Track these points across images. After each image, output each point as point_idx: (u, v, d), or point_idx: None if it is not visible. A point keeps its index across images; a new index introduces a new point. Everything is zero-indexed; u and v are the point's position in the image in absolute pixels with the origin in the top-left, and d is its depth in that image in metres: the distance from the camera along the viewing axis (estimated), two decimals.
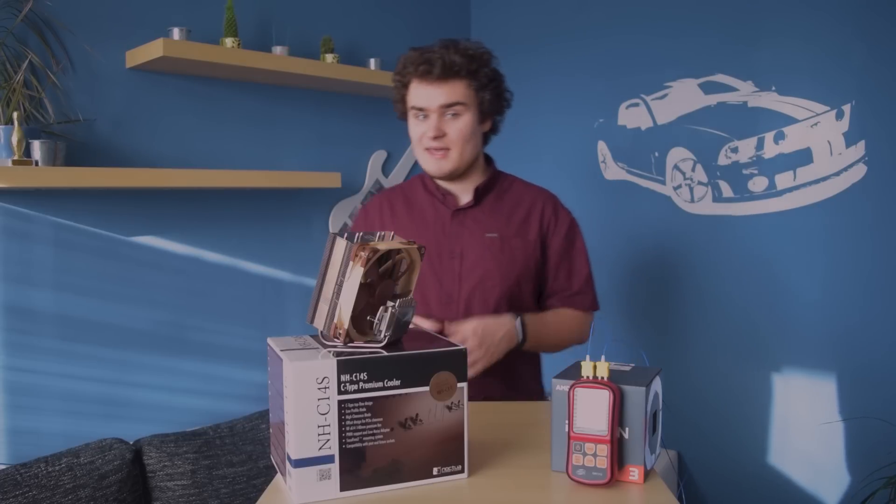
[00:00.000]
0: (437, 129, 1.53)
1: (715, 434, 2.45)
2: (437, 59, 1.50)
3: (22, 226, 1.91)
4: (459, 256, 1.58)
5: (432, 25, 2.90)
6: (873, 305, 2.12)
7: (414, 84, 1.55)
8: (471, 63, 1.53)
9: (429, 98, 1.53)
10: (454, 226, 1.61)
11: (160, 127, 2.16)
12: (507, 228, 1.61)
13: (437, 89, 1.52)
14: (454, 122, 1.54)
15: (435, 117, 1.53)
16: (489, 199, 1.64)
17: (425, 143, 1.56)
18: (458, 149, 1.55)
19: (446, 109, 1.53)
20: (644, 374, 1.00)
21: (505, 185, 1.67)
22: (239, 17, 2.23)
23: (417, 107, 1.55)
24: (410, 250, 1.00)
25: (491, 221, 1.61)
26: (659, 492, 0.94)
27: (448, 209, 1.62)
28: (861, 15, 2.09)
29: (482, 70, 1.55)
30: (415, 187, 1.69)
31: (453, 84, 1.52)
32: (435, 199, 1.64)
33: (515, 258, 1.59)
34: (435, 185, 1.64)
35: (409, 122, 1.60)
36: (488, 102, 1.57)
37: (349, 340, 0.94)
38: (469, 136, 1.56)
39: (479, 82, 1.55)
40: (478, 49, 1.56)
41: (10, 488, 1.68)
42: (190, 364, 2.23)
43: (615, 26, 2.62)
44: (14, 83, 1.82)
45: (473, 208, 1.62)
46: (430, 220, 1.62)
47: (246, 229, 2.36)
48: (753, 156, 2.30)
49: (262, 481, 2.04)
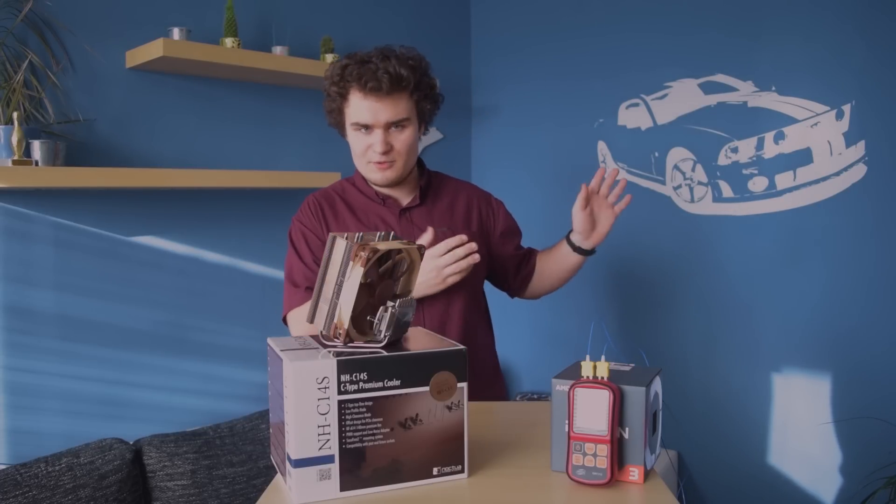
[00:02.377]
0: (385, 144, 1.51)
1: (715, 434, 2.45)
2: (383, 73, 1.47)
3: (22, 226, 1.91)
4: None
5: (432, 25, 2.90)
6: (873, 305, 2.12)
7: (356, 97, 1.51)
8: (414, 74, 1.51)
9: (375, 114, 1.50)
10: (403, 225, 1.62)
11: (160, 127, 2.16)
12: (454, 221, 1.65)
13: (382, 105, 1.49)
14: (399, 134, 1.53)
15: (380, 132, 1.51)
16: (429, 197, 1.66)
17: (371, 157, 1.54)
18: (403, 160, 1.55)
19: (392, 125, 1.52)
20: (644, 374, 1.00)
21: (438, 182, 1.71)
22: (239, 17, 2.23)
23: (362, 123, 1.52)
24: (410, 250, 1.00)
25: (437, 217, 1.63)
26: (659, 492, 0.94)
27: (392, 210, 1.63)
28: (861, 15, 2.09)
29: (423, 80, 1.55)
30: (348, 191, 1.67)
31: (398, 98, 1.50)
32: (374, 202, 1.63)
33: None
34: (372, 190, 1.63)
35: (350, 135, 1.57)
36: (428, 111, 1.59)
37: (349, 340, 0.95)
38: (412, 147, 1.57)
39: (421, 93, 1.54)
40: (417, 58, 1.54)
41: (10, 488, 1.68)
42: (190, 364, 2.23)
43: (615, 26, 2.62)
44: (14, 83, 1.82)
45: (418, 207, 1.64)
46: (376, 221, 1.62)
47: (246, 229, 2.36)
48: (753, 156, 2.30)
49: (262, 481, 2.04)
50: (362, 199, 1.65)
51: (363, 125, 1.52)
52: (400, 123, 1.52)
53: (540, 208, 2.71)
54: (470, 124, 3.08)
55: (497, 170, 3.01)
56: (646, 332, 2.62)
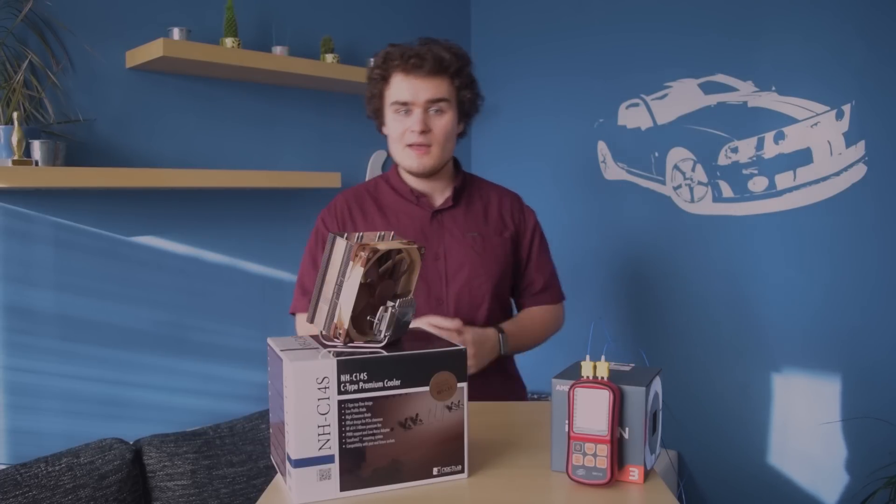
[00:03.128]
0: (423, 124, 1.52)
1: (715, 434, 2.45)
2: (427, 53, 1.50)
3: (22, 226, 1.91)
4: (443, 258, 1.58)
5: (432, 25, 2.90)
6: (873, 305, 2.12)
7: (398, 78, 1.53)
8: (457, 61, 1.54)
9: (416, 92, 1.51)
10: (434, 227, 1.61)
11: (160, 127, 2.16)
12: (487, 227, 1.63)
13: (425, 83, 1.51)
14: (438, 118, 1.54)
15: (420, 112, 1.52)
16: (463, 199, 1.65)
17: (408, 139, 1.54)
18: (440, 145, 1.55)
19: (431, 105, 1.53)
20: (644, 374, 1.00)
21: (474, 186, 1.70)
22: (239, 17, 2.23)
23: (402, 101, 1.53)
24: (410, 250, 1.00)
25: (470, 221, 1.63)
26: (659, 492, 0.94)
27: (425, 211, 1.62)
28: (861, 14, 2.09)
29: (465, 69, 1.57)
30: (381, 189, 1.67)
31: (440, 80, 1.53)
32: (408, 201, 1.63)
33: (497, 256, 1.62)
34: (407, 187, 1.62)
35: (389, 118, 1.57)
36: (468, 102, 1.59)
37: (349, 340, 0.94)
38: (451, 134, 1.57)
39: (462, 81, 1.56)
40: (459, 49, 1.57)
41: (10, 488, 1.68)
42: (190, 364, 2.23)
43: (615, 26, 2.62)
44: (14, 83, 1.82)
45: (451, 209, 1.63)
46: (407, 222, 1.61)
47: (246, 229, 2.36)
48: (753, 156, 2.30)
49: (262, 481, 2.04)
50: (394, 197, 1.64)
51: (403, 103, 1.53)
52: (439, 106, 1.53)
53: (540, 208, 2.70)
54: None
55: (497, 169, 3.01)
56: (646, 332, 2.62)
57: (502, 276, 1.62)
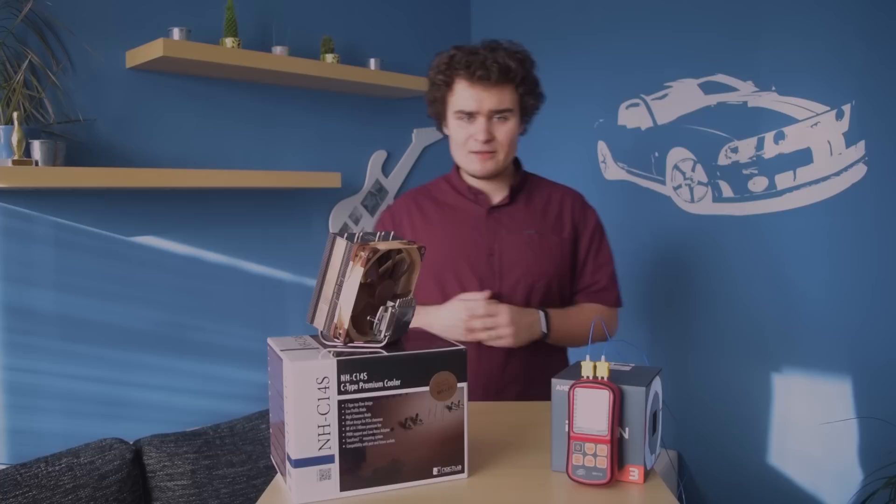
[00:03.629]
0: (487, 133, 1.53)
1: (715, 434, 2.45)
2: (492, 63, 1.50)
3: (22, 226, 1.91)
4: (498, 254, 1.59)
5: (432, 25, 2.90)
6: (873, 305, 2.12)
7: (462, 85, 1.53)
8: (521, 68, 1.54)
9: (480, 102, 1.52)
10: (490, 224, 1.62)
11: (160, 127, 2.16)
12: (544, 225, 1.63)
13: (489, 94, 1.52)
14: (502, 125, 1.55)
15: (483, 120, 1.53)
16: (521, 197, 1.66)
17: (472, 146, 1.56)
18: (504, 151, 1.57)
19: (496, 114, 1.54)
20: (644, 374, 1.00)
21: (534, 184, 1.69)
22: (239, 17, 2.23)
23: (467, 111, 1.54)
24: (410, 250, 1.00)
25: (527, 219, 1.63)
26: (659, 492, 0.94)
27: (481, 208, 1.63)
28: (861, 14, 2.09)
29: (529, 75, 1.57)
30: (441, 188, 1.70)
31: (504, 89, 1.53)
32: (466, 198, 1.65)
33: (553, 254, 1.62)
34: (466, 185, 1.65)
35: (452, 124, 1.58)
36: (531, 107, 1.60)
37: (349, 340, 0.94)
38: (514, 140, 1.59)
39: (526, 87, 1.57)
40: (524, 53, 1.57)
41: (10, 488, 1.68)
42: (190, 364, 2.23)
43: (615, 26, 2.62)
44: (14, 83, 1.82)
45: (508, 206, 1.64)
46: (463, 218, 1.63)
47: (246, 229, 2.36)
48: (753, 156, 2.30)
49: (262, 481, 2.04)
50: (453, 194, 1.66)
51: (467, 113, 1.54)
52: (503, 114, 1.54)
53: None
54: None
55: None
56: (646, 331, 2.62)
57: (557, 275, 1.62)
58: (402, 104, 2.77)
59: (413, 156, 2.82)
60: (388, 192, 2.74)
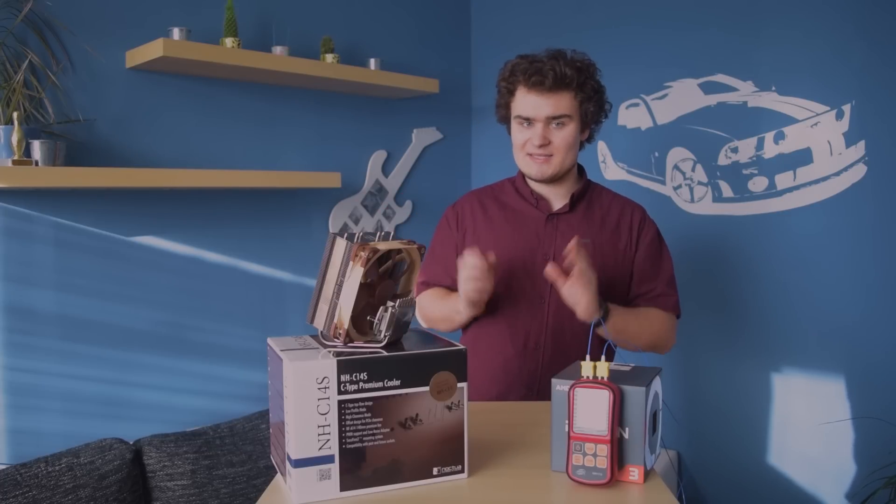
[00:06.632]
0: (543, 138, 1.57)
1: (715, 434, 2.45)
2: (549, 70, 1.53)
3: (22, 226, 1.91)
4: (552, 259, 1.60)
5: (432, 26, 2.90)
6: (873, 305, 2.12)
7: (521, 92, 1.58)
8: (579, 75, 1.56)
9: (537, 108, 1.56)
10: (548, 229, 1.65)
11: (160, 127, 2.16)
12: (600, 235, 1.65)
13: (545, 100, 1.55)
14: (559, 131, 1.58)
15: (540, 126, 1.57)
16: (581, 205, 1.68)
17: (528, 149, 1.60)
18: (561, 156, 1.59)
19: (552, 120, 1.57)
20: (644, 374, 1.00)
21: (596, 194, 1.72)
22: (239, 17, 2.23)
23: (524, 116, 1.58)
24: (410, 250, 1.00)
25: (584, 227, 1.65)
26: (659, 492, 0.94)
27: (542, 213, 1.66)
28: (861, 14, 2.09)
29: (588, 82, 1.59)
30: (505, 190, 1.73)
31: (561, 95, 1.56)
32: (528, 203, 1.68)
33: (606, 265, 1.62)
34: (528, 189, 1.68)
35: (513, 128, 1.63)
36: (591, 114, 1.62)
37: (349, 340, 0.95)
38: (571, 145, 1.60)
39: (585, 94, 1.58)
40: (584, 61, 1.59)
41: (10, 488, 1.68)
42: (190, 364, 2.23)
43: (615, 27, 2.62)
44: (14, 83, 1.82)
45: (567, 214, 1.66)
46: (523, 222, 1.66)
47: (246, 229, 2.36)
48: (753, 156, 2.30)
49: (262, 481, 2.04)
50: (516, 198, 1.70)
51: (524, 118, 1.59)
52: (560, 119, 1.57)
53: None
54: (470, 124, 3.08)
55: (497, 170, 3.01)
56: None
57: (607, 286, 1.60)
58: (402, 104, 2.77)
59: (413, 156, 2.82)
60: (388, 192, 2.74)
